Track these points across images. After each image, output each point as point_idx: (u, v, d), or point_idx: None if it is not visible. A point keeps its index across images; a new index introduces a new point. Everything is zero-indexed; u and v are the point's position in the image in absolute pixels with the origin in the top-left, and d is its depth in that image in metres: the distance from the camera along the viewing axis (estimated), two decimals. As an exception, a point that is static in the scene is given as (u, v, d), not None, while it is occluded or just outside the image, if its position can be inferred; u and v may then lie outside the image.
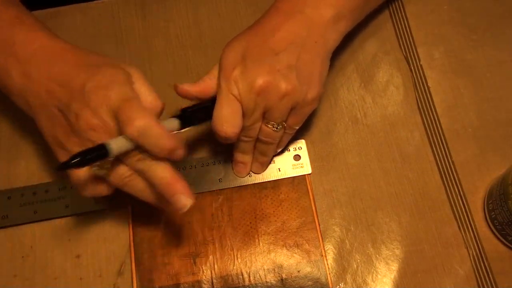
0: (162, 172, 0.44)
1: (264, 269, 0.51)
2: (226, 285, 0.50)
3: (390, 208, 0.53)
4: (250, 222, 0.52)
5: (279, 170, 0.54)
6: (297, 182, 0.54)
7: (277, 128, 0.49)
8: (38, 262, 0.52)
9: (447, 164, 0.54)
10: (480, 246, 0.51)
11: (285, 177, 0.54)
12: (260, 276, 0.51)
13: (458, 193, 0.53)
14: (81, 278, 0.51)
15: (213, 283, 0.50)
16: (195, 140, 0.56)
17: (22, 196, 0.53)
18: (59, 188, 0.53)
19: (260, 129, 0.49)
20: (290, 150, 0.55)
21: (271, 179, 0.54)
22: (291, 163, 0.54)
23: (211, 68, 0.50)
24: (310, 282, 0.50)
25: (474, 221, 0.52)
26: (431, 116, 0.56)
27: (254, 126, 0.48)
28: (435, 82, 0.57)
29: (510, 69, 0.57)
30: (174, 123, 0.46)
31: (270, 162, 0.54)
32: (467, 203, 0.53)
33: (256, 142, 0.51)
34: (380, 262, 0.51)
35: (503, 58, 0.58)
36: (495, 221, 0.50)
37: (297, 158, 0.55)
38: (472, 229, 0.52)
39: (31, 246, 0.52)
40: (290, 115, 0.49)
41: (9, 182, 0.54)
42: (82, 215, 0.53)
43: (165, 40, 0.60)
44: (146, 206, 0.53)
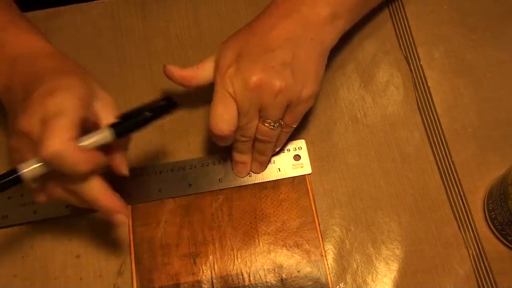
0: (90, 193, 0.43)
1: (264, 269, 0.51)
2: (226, 285, 0.50)
3: (390, 208, 0.53)
4: (250, 222, 0.52)
5: (279, 170, 0.54)
6: (297, 182, 0.54)
7: (274, 126, 0.48)
8: (38, 262, 0.52)
9: (447, 164, 0.54)
10: (480, 246, 0.51)
11: (285, 177, 0.54)
12: (260, 276, 0.51)
13: (458, 193, 0.53)
14: (81, 278, 0.51)
15: (213, 283, 0.50)
16: (195, 140, 0.56)
17: (22, 196, 0.53)
18: (59, 188, 0.53)
19: (257, 128, 0.49)
20: (290, 150, 0.55)
21: (271, 179, 0.54)
22: (291, 163, 0.54)
23: (204, 59, 0.50)
24: (310, 282, 0.50)
25: (474, 221, 0.52)
26: (431, 116, 0.56)
27: (250, 125, 0.48)
28: (435, 82, 0.57)
29: (510, 69, 0.57)
30: (105, 134, 0.42)
31: (269, 162, 0.54)
32: (467, 203, 0.53)
33: (254, 142, 0.51)
34: (380, 262, 0.51)
35: (503, 58, 0.58)
36: (495, 221, 0.50)
37: (297, 158, 0.55)
38: (472, 229, 0.52)
39: (31, 246, 0.52)
40: (286, 113, 0.48)
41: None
42: (82, 215, 0.53)
43: (165, 40, 0.60)
44: (146, 206, 0.53)
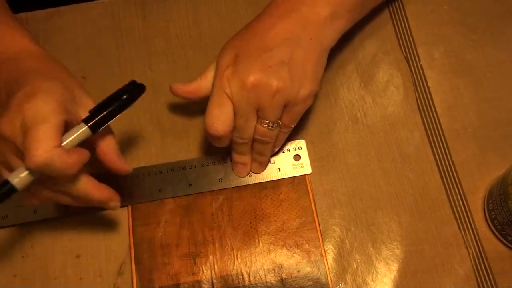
0: (81, 190, 0.44)
1: (264, 269, 0.51)
2: (226, 285, 0.50)
3: (390, 208, 0.53)
4: (250, 222, 0.52)
5: (279, 170, 0.54)
6: (297, 182, 0.54)
7: (272, 126, 0.48)
8: (38, 262, 0.52)
9: (447, 164, 0.54)
10: (480, 246, 0.51)
11: (285, 177, 0.54)
12: (260, 276, 0.51)
13: (458, 193, 0.53)
14: (81, 278, 0.51)
15: (213, 283, 0.50)
16: (195, 140, 0.56)
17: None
18: (59, 188, 0.53)
19: (255, 128, 0.49)
20: (290, 150, 0.55)
21: (271, 179, 0.54)
22: (291, 163, 0.54)
23: (205, 69, 0.50)
24: (310, 282, 0.50)
25: (474, 221, 0.52)
26: (431, 116, 0.56)
27: (248, 126, 0.48)
28: (435, 82, 0.57)
29: (510, 69, 0.57)
30: (80, 129, 0.43)
31: (268, 162, 0.54)
32: (467, 203, 0.53)
33: (253, 142, 0.51)
34: (380, 262, 0.51)
35: (503, 58, 0.58)
36: (495, 221, 0.50)
37: (297, 158, 0.55)
38: (472, 229, 0.52)
39: (31, 246, 0.52)
40: (284, 113, 0.48)
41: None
42: (82, 215, 0.53)
43: (165, 40, 0.60)
44: (146, 206, 0.53)
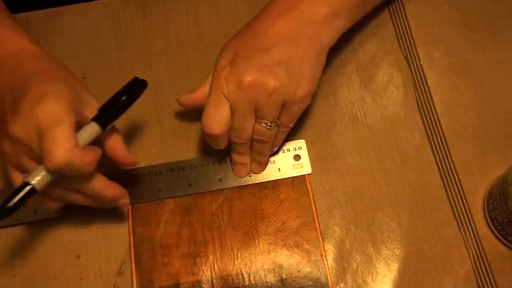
0: (95, 187, 0.46)
1: (264, 269, 0.51)
2: (226, 285, 0.50)
3: (390, 208, 0.53)
4: (250, 222, 0.52)
5: (279, 170, 0.54)
6: (297, 182, 0.54)
7: (270, 126, 0.48)
8: (38, 262, 0.52)
9: (447, 164, 0.54)
10: (480, 246, 0.51)
11: (285, 177, 0.54)
12: (260, 276, 0.51)
13: (458, 193, 0.53)
14: (81, 278, 0.51)
15: (213, 283, 0.50)
16: (195, 140, 0.56)
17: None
18: (59, 188, 0.53)
19: (253, 128, 0.49)
20: (290, 150, 0.55)
21: (271, 179, 0.54)
22: (291, 163, 0.54)
23: (208, 74, 0.50)
24: (310, 282, 0.50)
25: (474, 221, 0.52)
26: (431, 116, 0.56)
27: (245, 125, 0.48)
28: (435, 82, 0.57)
29: (510, 69, 0.57)
30: (93, 128, 0.45)
31: (268, 162, 0.54)
32: (467, 203, 0.53)
33: (252, 142, 0.51)
34: (380, 262, 0.51)
35: (503, 58, 0.58)
36: (495, 221, 0.50)
37: (297, 158, 0.55)
38: (472, 229, 0.52)
39: (31, 246, 0.52)
40: (282, 113, 0.48)
41: (9, 182, 0.54)
42: (82, 215, 0.53)
43: (165, 40, 0.60)
44: (146, 206, 0.53)
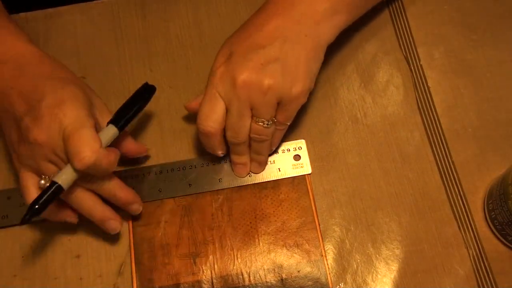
0: (111, 189, 0.48)
1: (264, 269, 0.51)
2: (226, 285, 0.50)
3: (390, 208, 0.53)
4: (250, 222, 0.52)
5: (279, 170, 0.54)
6: (297, 182, 0.54)
7: (267, 124, 0.48)
8: (38, 262, 0.52)
9: (447, 164, 0.54)
10: (480, 246, 0.51)
11: (285, 177, 0.54)
12: (260, 276, 0.51)
13: (458, 193, 0.53)
14: (81, 278, 0.51)
15: (213, 283, 0.50)
16: (195, 140, 0.56)
17: (22, 196, 0.53)
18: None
19: (250, 127, 0.49)
20: (290, 150, 0.55)
21: (271, 179, 0.54)
22: (291, 163, 0.54)
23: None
24: (310, 282, 0.50)
25: (474, 221, 0.52)
26: (431, 116, 0.56)
27: (241, 125, 0.48)
28: (435, 82, 0.57)
29: (510, 69, 0.57)
30: (113, 130, 0.48)
31: (267, 161, 0.54)
32: (467, 203, 0.53)
33: (250, 142, 0.51)
34: (380, 262, 0.51)
35: (503, 58, 0.58)
36: (495, 221, 0.50)
37: (297, 158, 0.55)
38: (472, 229, 0.52)
39: (31, 246, 0.52)
40: (278, 111, 0.48)
41: (9, 182, 0.54)
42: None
43: (165, 40, 0.60)
44: (146, 206, 0.53)
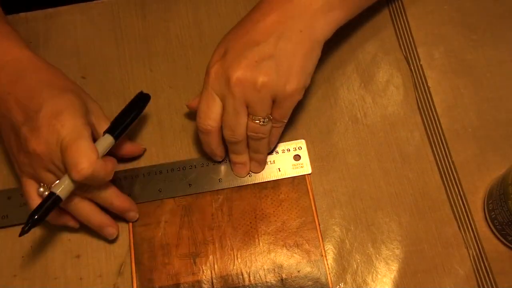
0: (108, 197, 0.49)
1: (264, 269, 0.51)
2: (226, 285, 0.50)
3: (390, 208, 0.53)
4: (250, 222, 0.52)
5: (279, 170, 0.54)
6: (297, 182, 0.54)
7: (263, 122, 0.48)
8: (38, 262, 0.52)
9: (447, 164, 0.54)
10: (480, 246, 0.51)
11: (285, 177, 0.54)
12: (260, 276, 0.51)
13: (458, 193, 0.53)
14: (81, 278, 0.51)
15: (213, 283, 0.50)
16: (195, 140, 0.56)
17: (22, 196, 0.53)
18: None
19: (247, 125, 0.49)
20: (290, 150, 0.55)
21: (271, 179, 0.54)
22: (291, 163, 0.54)
23: None
24: (310, 282, 0.50)
25: (474, 221, 0.52)
26: (431, 116, 0.56)
27: (238, 122, 0.48)
28: (435, 82, 0.57)
29: (510, 69, 0.57)
30: (109, 140, 0.49)
31: (266, 160, 0.54)
32: (467, 203, 0.53)
33: (248, 141, 0.51)
34: (380, 262, 0.51)
35: (503, 58, 0.58)
36: (495, 221, 0.50)
37: (297, 158, 0.55)
38: (472, 229, 0.52)
39: (31, 246, 0.52)
40: (274, 108, 0.48)
41: (9, 182, 0.54)
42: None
43: (165, 40, 0.60)
44: (146, 206, 0.53)
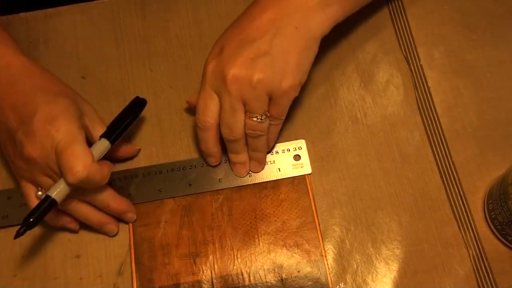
0: (104, 200, 0.50)
1: (264, 269, 0.51)
2: (226, 285, 0.50)
3: (390, 208, 0.53)
4: (250, 222, 0.52)
5: (279, 170, 0.54)
6: (297, 182, 0.54)
7: (260, 119, 0.48)
8: (38, 262, 0.52)
9: (447, 164, 0.54)
10: (480, 246, 0.51)
11: (285, 177, 0.54)
12: (260, 276, 0.51)
13: (458, 193, 0.53)
14: (81, 278, 0.51)
15: (213, 283, 0.50)
16: (195, 140, 0.56)
17: (22, 196, 0.53)
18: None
19: (245, 123, 0.49)
20: (290, 150, 0.55)
21: (271, 179, 0.54)
22: (291, 163, 0.54)
23: None
24: (310, 282, 0.50)
25: (474, 221, 0.52)
26: (431, 116, 0.56)
27: (235, 120, 0.48)
28: (435, 82, 0.57)
29: (510, 69, 0.57)
30: (105, 144, 0.49)
31: (266, 159, 0.54)
32: (467, 203, 0.53)
33: (247, 139, 0.51)
34: (380, 262, 0.51)
35: (503, 58, 0.58)
36: (495, 221, 0.50)
37: (297, 158, 0.55)
38: (472, 229, 0.52)
39: (31, 246, 0.52)
40: (270, 105, 0.48)
41: (9, 182, 0.54)
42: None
43: (165, 40, 0.60)
44: (146, 206, 0.53)
